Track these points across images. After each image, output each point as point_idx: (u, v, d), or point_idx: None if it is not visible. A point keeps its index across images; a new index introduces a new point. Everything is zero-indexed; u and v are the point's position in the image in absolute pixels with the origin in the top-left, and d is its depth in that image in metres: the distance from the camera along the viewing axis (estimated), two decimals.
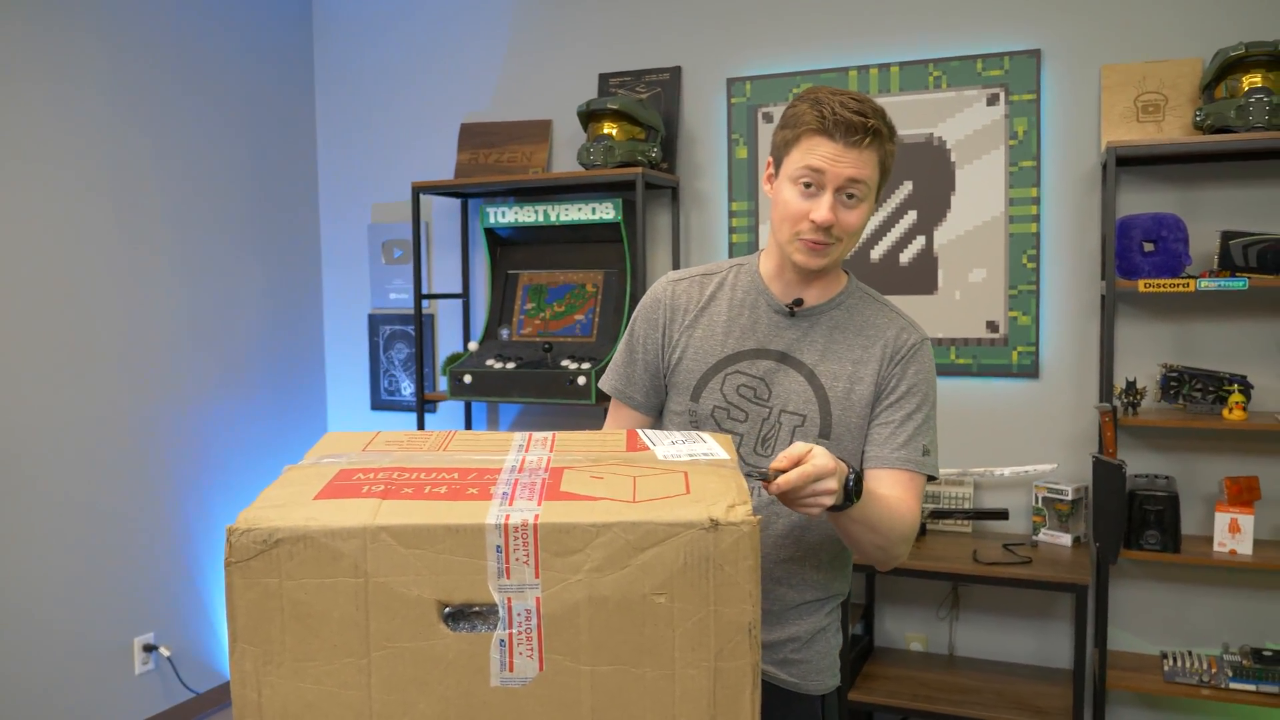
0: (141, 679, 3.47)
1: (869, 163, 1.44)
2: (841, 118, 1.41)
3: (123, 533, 3.41)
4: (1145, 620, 3.11)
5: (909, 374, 1.53)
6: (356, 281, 4.20)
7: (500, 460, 1.13)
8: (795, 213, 1.47)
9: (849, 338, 1.55)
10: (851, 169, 1.43)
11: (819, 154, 1.43)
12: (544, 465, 1.10)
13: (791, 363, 1.55)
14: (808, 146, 1.44)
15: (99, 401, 3.33)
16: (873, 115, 1.43)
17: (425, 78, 4.01)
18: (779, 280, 1.57)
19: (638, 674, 0.97)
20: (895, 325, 1.57)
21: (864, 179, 1.44)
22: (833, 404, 1.53)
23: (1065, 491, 3.06)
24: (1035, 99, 3.16)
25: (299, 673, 0.98)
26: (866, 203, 1.47)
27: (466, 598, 0.97)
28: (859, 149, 1.42)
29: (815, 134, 1.43)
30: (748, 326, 1.57)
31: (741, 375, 1.55)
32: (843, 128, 1.41)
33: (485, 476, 1.07)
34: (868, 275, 3.35)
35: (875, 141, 1.43)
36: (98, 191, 3.33)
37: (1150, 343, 3.07)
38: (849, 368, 1.54)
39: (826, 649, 1.61)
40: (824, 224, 1.44)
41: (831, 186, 1.44)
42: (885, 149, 1.46)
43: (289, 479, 1.09)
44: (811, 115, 1.44)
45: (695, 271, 1.65)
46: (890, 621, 3.40)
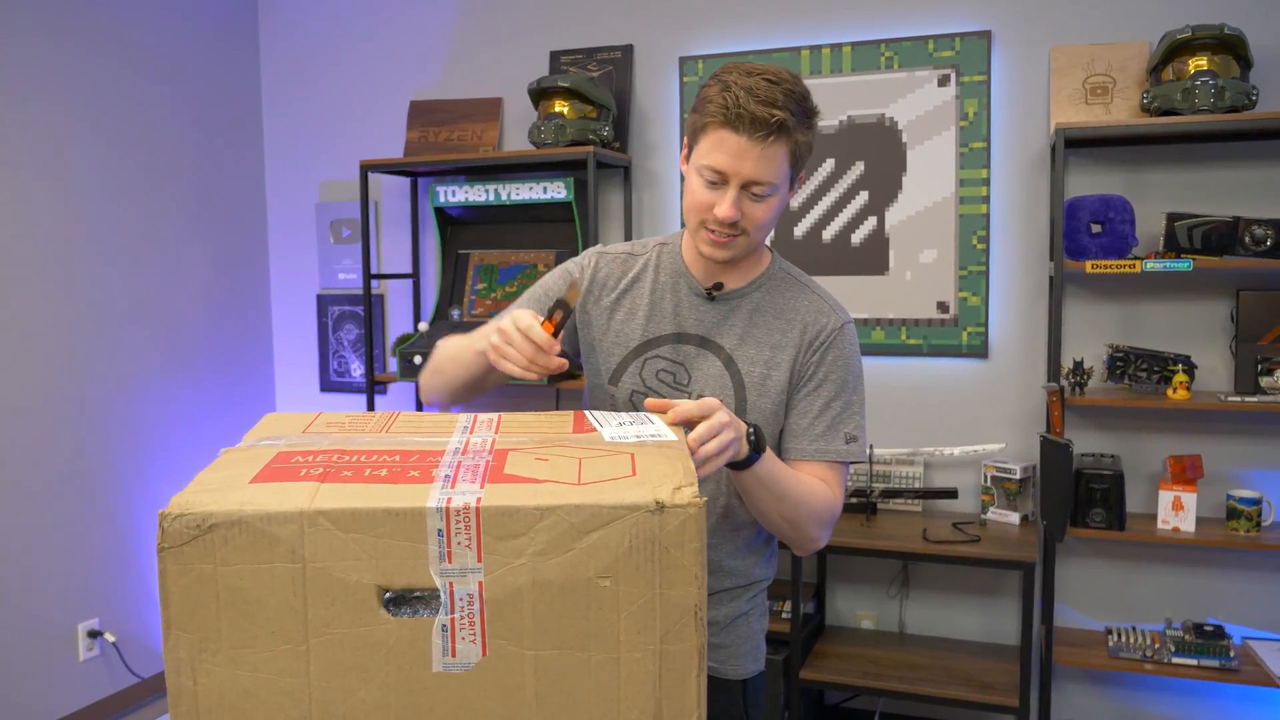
0: (86, 665, 3.41)
1: (775, 157, 1.38)
2: (746, 112, 1.34)
3: (64, 518, 3.33)
4: (1091, 597, 3.16)
5: (827, 360, 1.50)
6: (304, 261, 4.13)
7: (444, 442, 1.11)
8: (700, 204, 1.42)
9: (768, 321, 1.52)
10: (755, 169, 1.37)
11: (723, 151, 1.37)
12: (488, 447, 1.08)
13: (711, 347, 1.52)
14: (713, 140, 1.38)
15: (37, 383, 3.24)
16: (782, 106, 1.35)
17: (373, 54, 3.93)
18: (699, 263, 1.53)
19: (583, 658, 0.96)
20: (814, 308, 1.53)
21: (767, 179, 1.38)
22: (748, 389, 1.50)
23: (1013, 470, 3.10)
24: (985, 80, 3.17)
25: (236, 660, 0.96)
26: (775, 197, 1.42)
27: (407, 582, 0.95)
28: (764, 144, 1.36)
29: (720, 126, 1.37)
30: (669, 310, 1.54)
31: (661, 360, 1.53)
32: (747, 122, 1.35)
33: (428, 459, 1.04)
34: (819, 255, 3.36)
35: (782, 136, 1.37)
36: (36, 170, 3.23)
37: (1097, 323, 3.11)
38: (766, 353, 1.51)
39: (748, 633, 1.59)
40: (727, 220, 1.40)
41: (736, 184, 1.39)
42: (797, 139, 1.39)
43: (225, 461, 1.06)
44: (718, 104, 1.37)
45: (622, 249, 1.61)
46: (841, 600, 3.43)
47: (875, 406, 3.34)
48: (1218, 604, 3.05)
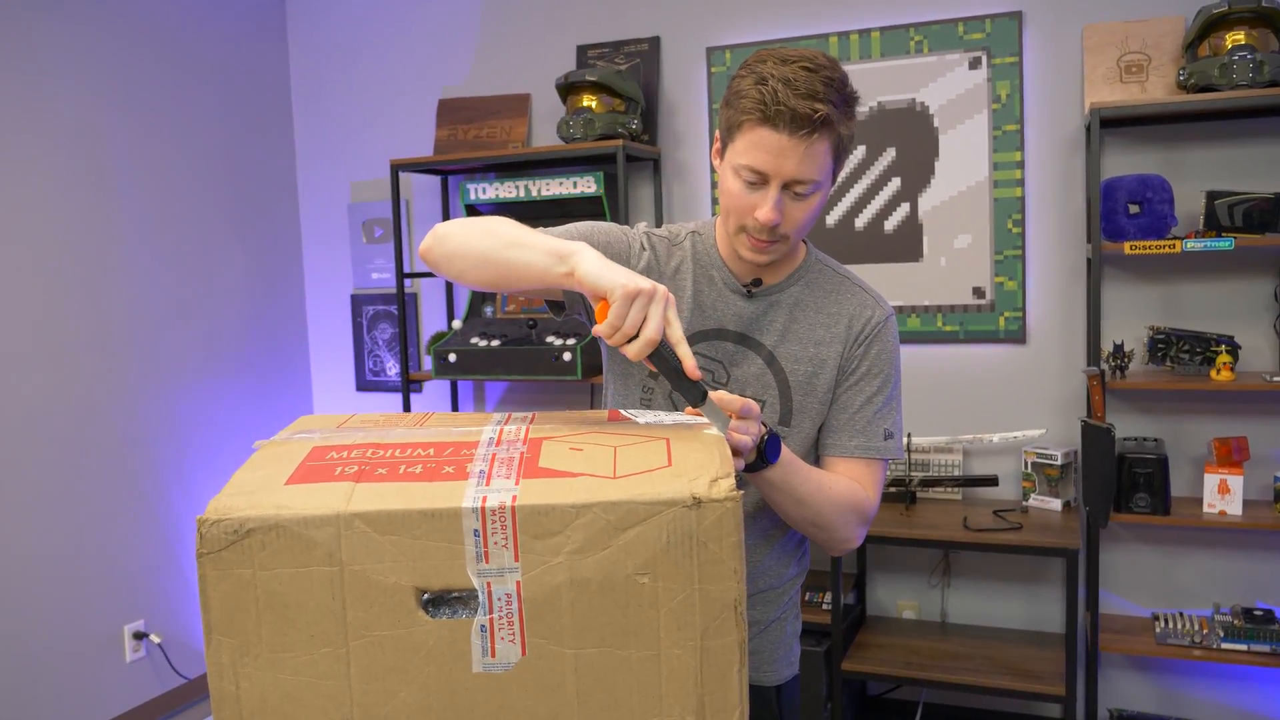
0: (133, 666, 3.46)
1: (819, 154, 1.29)
2: (787, 108, 1.25)
3: (109, 520, 3.38)
4: (1136, 583, 3.11)
5: (872, 353, 1.45)
6: (338, 261, 4.15)
7: (477, 433, 1.10)
8: (740, 206, 1.34)
9: (810, 316, 1.46)
10: (798, 168, 1.28)
11: (763, 150, 1.28)
12: (522, 437, 1.08)
13: (750, 344, 1.46)
14: (751, 139, 1.29)
15: (81, 389, 3.29)
16: (824, 99, 1.26)
17: (401, 53, 3.95)
18: (736, 258, 1.46)
19: (623, 655, 0.95)
20: (858, 301, 1.47)
21: (812, 177, 1.30)
22: (794, 389, 1.45)
23: (1054, 456, 3.06)
24: (1017, 62, 3.13)
25: (277, 664, 0.96)
26: (818, 195, 1.34)
27: (445, 583, 0.94)
28: (807, 141, 1.27)
29: (758, 124, 1.27)
30: (708, 304, 1.47)
31: (701, 357, 1.45)
32: (788, 119, 1.25)
33: (462, 451, 1.04)
34: (852, 244, 3.32)
35: (826, 130, 1.27)
36: (73, 175, 3.27)
37: (1137, 305, 3.05)
38: (811, 349, 1.45)
39: (780, 638, 1.55)
40: (769, 224, 1.32)
41: (777, 183, 1.30)
42: (840, 132, 1.30)
43: (260, 459, 1.06)
44: (753, 99, 1.27)
45: (663, 233, 1.52)
46: (882, 590, 3.40)
47: (912, 394, 3.31)
48: (1267, 588, 2.99)
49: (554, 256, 1.20)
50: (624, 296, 1.11)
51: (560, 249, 1.20)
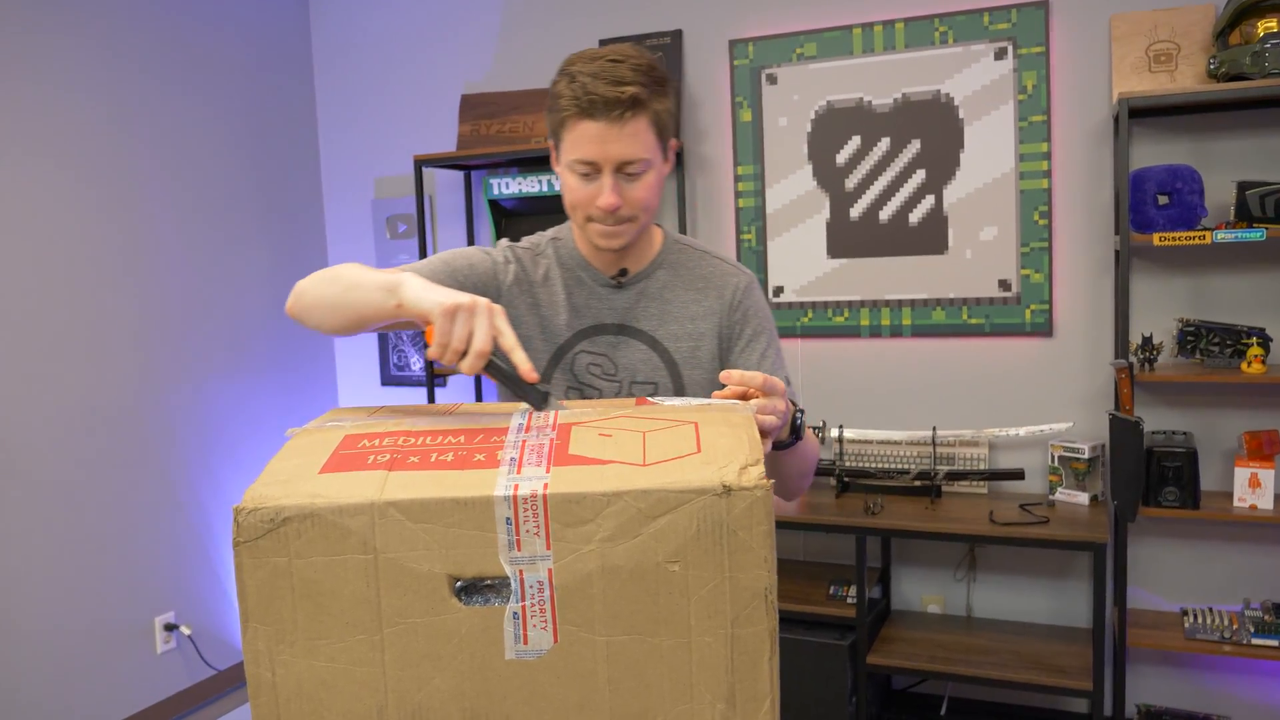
0: (164, 657, 3.49)
1: (638, 132, 1.36)
2: (597, 96, 1.33)
3: (139, 513, 3.42)
4: (1165, 577, 3.09)
5: (750, 315, 1.53)
6: (361, 257, 4.18)
7: (506, 420, 1.11)
8: (581, 200, 1.41)
9: (681, 294, 1.53)
10: (622, 149, 1.36)
11: (586, 141, 1.36)
12: (551, 423, 1.08)
13: (630, 332, 1.52)
14: (575, 134, 1.37)
15: (111, 384, 3.32)
16: (632, 80, 1.34)
17: (424, 49, 3.96)
18: (596, 254, 1.52)
19: (654, 643, 0.96)
20: (721, 272, 1.55)
21: (638, 155, 1.37)
22: (680, 365, 1.51)
23: (1082, 450, 3.04)
24: (1044, 52, 3.10)
25: (312, 651, 0.97)
26: (651, 171, 1.40)
27: (478, 571, 0.95)
28: (623, 123, 1.35)
29: (577, 117, 1.36)
30: (581, 303, 1.52)
31: (586, 354, 1.52)
32: (600, 106, 1.34)
33: (492, 439, 1.05)
34: (876, 236, 3.31)
35: (639, 109, 1.35)
36: (99, 174, 3.31)
37: (1166, 297, 3.03)
38: (689, 325, 1.52)
39: None
40: (610, 208, 1.39)
41: (609, 170, 1.37)
42: (655, 109, 1.38)
43: (294, 448, 1.07)
44: (568, 97, 1.36)
45: (527, 244, 1.58)
46: (906, 584, 3.39)
47: (937, 388, 3.30)
48: None
49: (384, 291, 1.24)
50: (443, 314, 1.14)
51: (388, 282, 1.23)
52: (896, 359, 3.35)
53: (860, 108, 3.31)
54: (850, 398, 3.41)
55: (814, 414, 3.42)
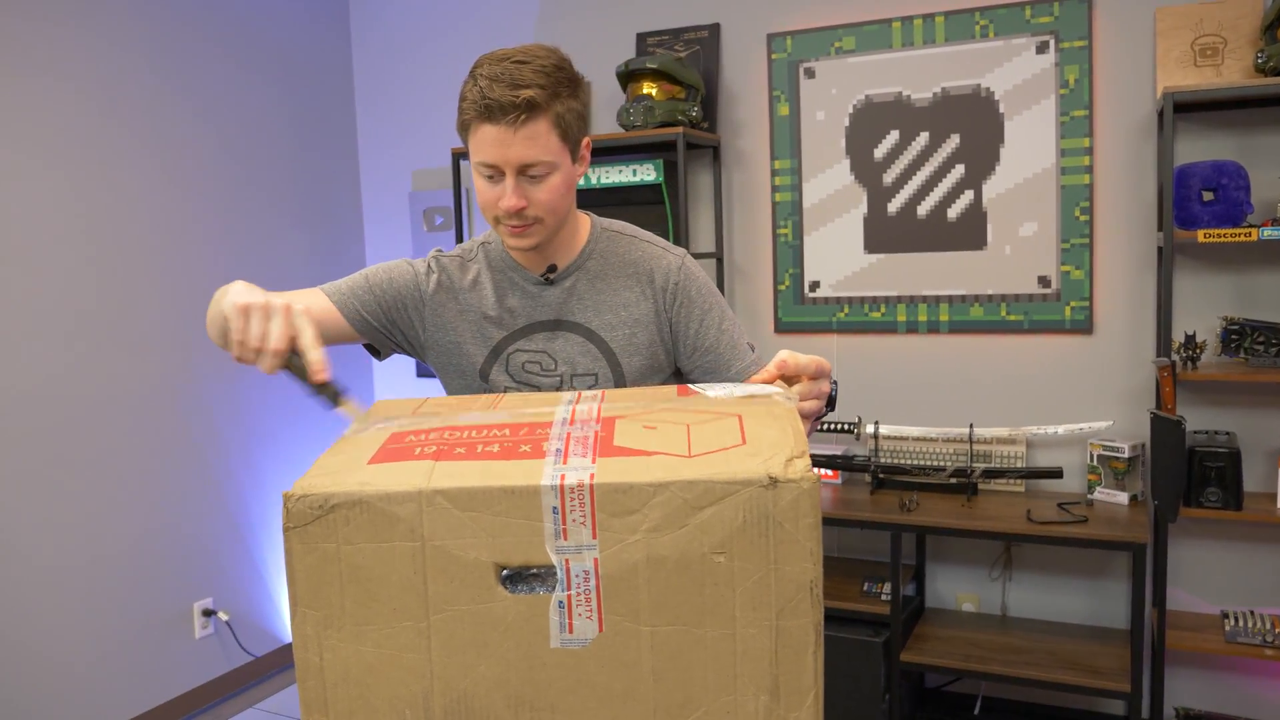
0: (202, 643, 3.54)
1: (537, 135, 1.35)
2: (494, 100, 1.33)
3: (179, 501, 3.47)
4: (1205, 579, 3.05)
5: (693, 294, 1.52)
6: (398, 250, 4.21)
7: (550, 413, 1.11)
8: (487, 201, 1.42)
9: (612, 282, 1.53)
10: (521, 152, 1.36)
11: (486, 144, 1.36)
12: (595, 416, 1.09)
13: (567, 326, 1.52)
14: (477, 137, 1.38)
15: (152, 374, 3.37)
16: (531, 83, 1.34)
17: (462, 42, 3.98)
18: (522, 254, 1.52)
19: (698, 634, 0.96)
20: (649, 254, 1.54)
21: (538, 158, 1.37)
22: (619, 354, 1.51)
23: (1121, 449, 3.00)
24: (1086, 45, 3.07)
25: (359, 636, 0.98)
26: (555, 175, 1.40)
27: (524, 559, 0.96)
28: (520, 125, 1.34)
29: (478, 121, 1.36)
30: (515, 304, 1.53)
31: (522, 353, 1.53)
32: (497, 110, 1.34)
33: (537, 431, 1.05)
34: (914, 231, 3.29)
35: (536, 113, 1.35)
36: (140, 168, 3.35)
37: (1209, 295, 2.99)
38: (623, 313, 1.52)
39: None
40: (512, 210, 1.39)
41: (511, 172, 1.37)
42: (556, 111, 1.37)
43: (342, 446, 1.08)
44: (471, 100, 1.37)
45: (456, 252, 1.59)
46: (941, 582, 3.37)
47: (974, 384, 3.28)
48: None
49: (216, 301, 1.33)
50: (237, 313, 1.18)
51: (219, 296, 1.32)
52: (933, 355, 3.33)
53: (899, 102, 3.29)
54: (886, 394, 3.39)
55: (849, 410, 3.40)
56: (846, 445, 3.46)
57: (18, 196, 2.99)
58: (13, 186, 2.98)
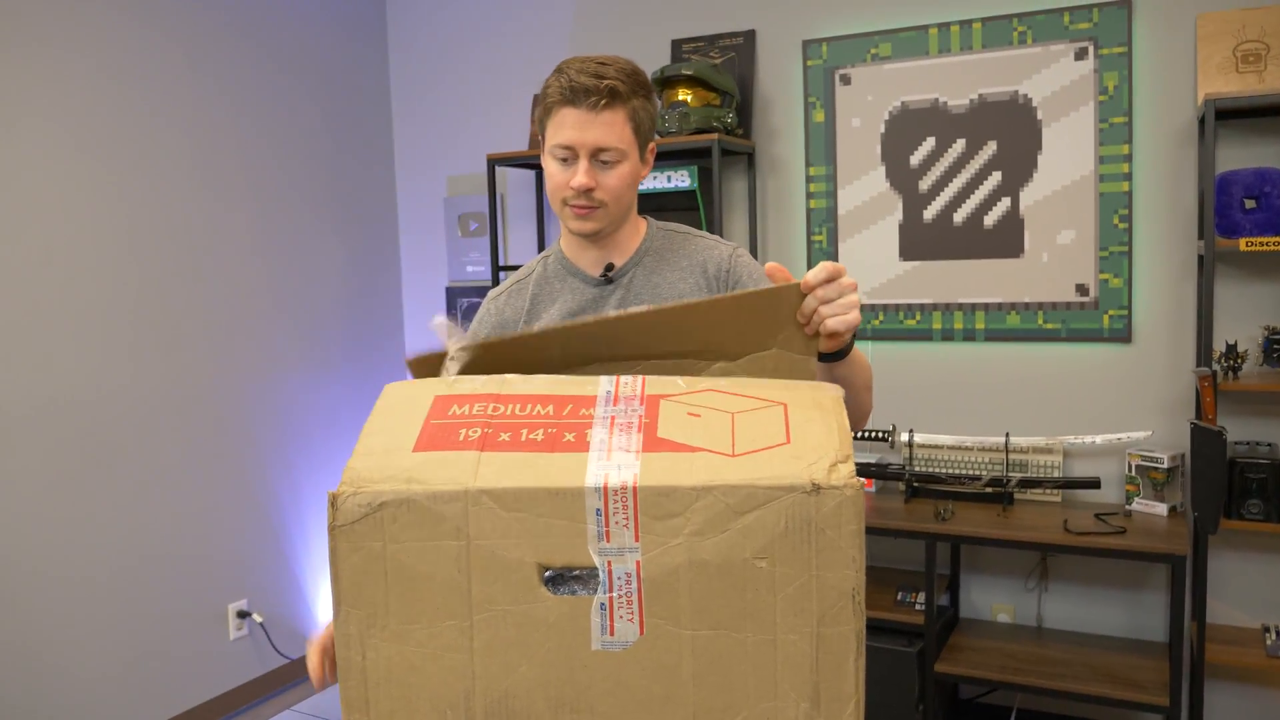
0: (236, 644, 3.58)
1: (615, 123, 1.47)
2: (579, 84, 1.44)
3: (214, 502, 3.50)
4: (1246, 592, 3.00)
5: (744, 279, 1.57)
6: (433, 255, 4.24)
7: (595, 387, 1.09)
8: (559, 184, 1.51)
9: (668, 275, 1.60)
10: (598, 136, 1.46)
11: (566, 126, 1.47)
12: (639, 394, 1.07)
13: None
14: (556, 120, 1.48)
15: (189, 377, 3.41)
16: (613, 75, 1.45)
17: (497, 49, 4.01)
18: (584, 254, 1.61)
19: (739, 639, 0.96)
20: (702, 247, 1.61)
21: (612, 144, 1.47)
22: None
23: (1161, 459, 2.97)
24: (1126, 52, 3.04)
25: (402, 636, 0.99)
26: (625, 164, 1.50)
27: (567, 561, 0.96)
28: (600, 111, 1.45)
29: (561, 105, 1.47)
30: (575, 308, 1.60)
31: None
32: (581, 93, 1.45)
33: (580, 412, 1.04)
34: (951, 238, 3.27)
35: (617, 101, 1.46)
36: (179, 168, 3.40)
37: (1251, 304, 2.94)
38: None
39: None
40: (582, 188, 1.48)
41: (584, 155, 1.47)
42: (634, 105, 1.48)
43: (387, 407, 1.08)
44: (555, 88, 1.47)
45: (507, 284, 1.68)
46: (976, 592, 3.35)
47: (1010, 393, 3.25)
48: None
49: None
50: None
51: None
52: (969, 363, 3.31)
53: (935, 108, 3.27)
54: (921, 402, 3.37)
55: (884, 417, 3.39)
56: (881, 453, 3.44)
57: (61, 198, 3.04)
58: (56, 188, 3.03)
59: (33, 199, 2.96)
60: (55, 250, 3.02)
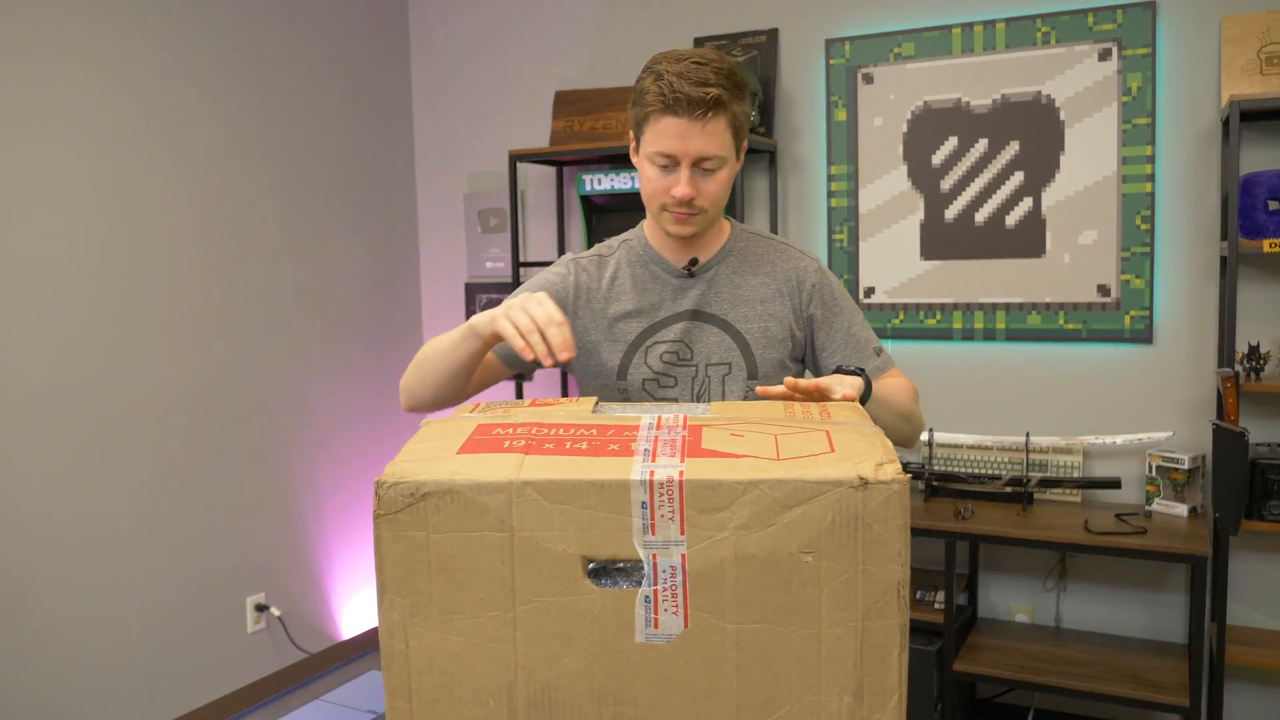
0: (254, 638, 3.59)
1: (717, 131, 1.46)
2: (682, 95, 1.43)
3: (234, 496, 3.52)
4: (1266, 594, 3.00)
5: (827, 297, 1.61)
6: (453, 250, 4.25)
7: (637, 419, 1.12)
8: (657, 190, 1.51)
9: (750, 279, 1.61)
10: (701, 145, 1.45)
11: (668, 136, 1.46)
12: (682, 423, 1.10)
13: (704, 318, 1.60)
14: (657, 128, 1.47)
15: (209, 371, 3.43)
16: (715, 83, 1.44)
17: (519, 46, 4.01)
18: (669, 246, 1.62)
19: (784, 633, 0.96)
20: (789, 257, 1.63)
21: (714, 153, 1.47)
22: (752, 345, 1.59)
23: (1181, 460, 2.96)
24: (1150, 53, 3.03)
25: (446, 625, 1.00)
26: (724, 169, 1.50)
27: (611, 553, 0.97)
28: (704, 121, 1.44)
29: (661, 114, 1.45)
30: (654, 299, 1.62)
31: (661, 344, 1.60)
32: (684, 104, 1.43)
33: (625, 433, 1.06)
34: (972, 238, 3.27)
35: (719, 111, 1.45)
36: (199, 164, 3.41)
37: (1273, 306, 2.94)
38: (759, 307, 1.60)
39: None
40: (684, 199, 1.49)
41: (686, 163, 1.47)
42: (734, 111, 1.47)
43: (429, 433, 1.10)
44: (654, 94, 1.45)
45: (591, 253, 1.69)
46: (994, 592, 3.34)
47: (1031, 393, 3.25)
48: None
49: (463, 337, 1.46)
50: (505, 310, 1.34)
51: (462, 330, 1.47)
52: (989, 363, 3.31)
53: (958, 108, 3.27)
54: (941, 401, 3.36)
55: None
56: (901, 452, 3.44)
57: (83, 193, 3.06)
58: (80, 182, 3.05)
59: (56, 194, 2.98)
60: (78, 244, 3.04)
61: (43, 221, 2.94)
